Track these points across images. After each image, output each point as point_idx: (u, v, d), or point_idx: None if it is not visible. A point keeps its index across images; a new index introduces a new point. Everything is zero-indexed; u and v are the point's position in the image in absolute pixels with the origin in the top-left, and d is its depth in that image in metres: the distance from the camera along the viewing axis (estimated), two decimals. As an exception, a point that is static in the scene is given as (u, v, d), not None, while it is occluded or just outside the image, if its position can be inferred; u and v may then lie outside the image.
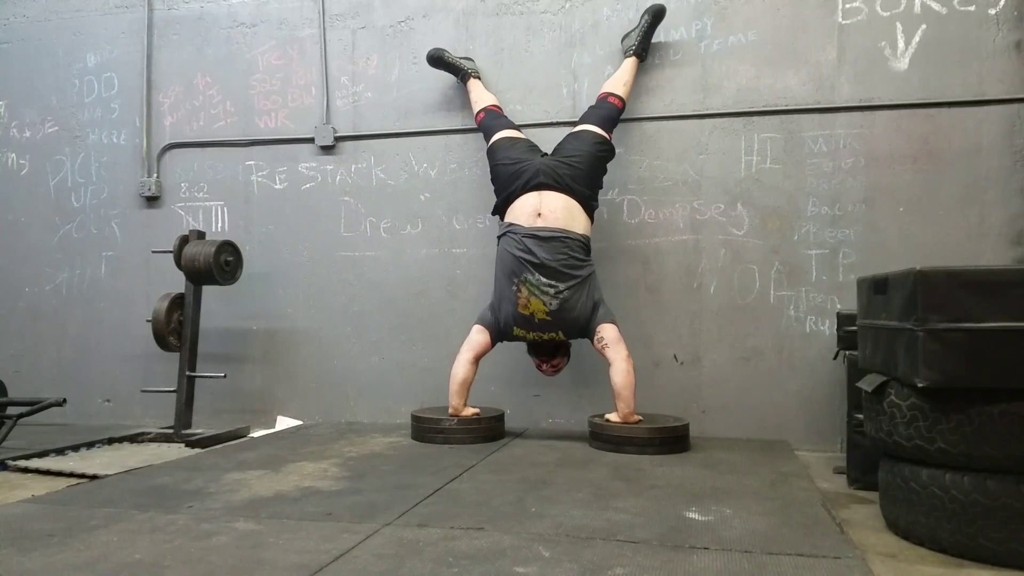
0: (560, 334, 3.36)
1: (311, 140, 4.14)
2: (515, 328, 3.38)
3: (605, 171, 3.52)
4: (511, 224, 3.38)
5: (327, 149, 4.13)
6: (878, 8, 3.49)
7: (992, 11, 3.37)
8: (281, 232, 4.19)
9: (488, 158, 3.60)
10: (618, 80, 3.60)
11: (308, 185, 4.17)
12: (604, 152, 3.47)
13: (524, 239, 3.29)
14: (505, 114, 3.74)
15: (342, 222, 4.12)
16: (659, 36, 3.72)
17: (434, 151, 4.01)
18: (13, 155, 4.52)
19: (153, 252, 4.15)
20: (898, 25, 3.47)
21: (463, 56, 3.89)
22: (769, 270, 3.59)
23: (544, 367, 3.48)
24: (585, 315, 3.30)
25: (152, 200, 4.33)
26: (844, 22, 3.53)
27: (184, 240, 3.86)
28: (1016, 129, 3.35)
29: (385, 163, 4.07)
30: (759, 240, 3.60)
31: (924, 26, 3.44)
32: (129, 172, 4.36)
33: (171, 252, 3.88)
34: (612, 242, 3.74)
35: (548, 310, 3.27)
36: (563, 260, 3.26)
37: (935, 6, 3.43)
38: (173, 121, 4.33)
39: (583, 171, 3.38)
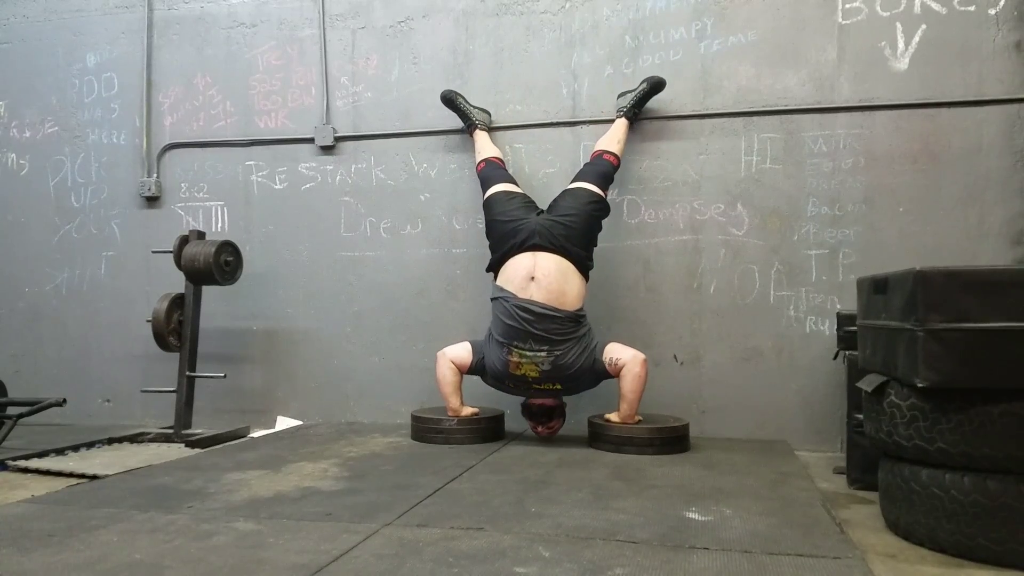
0: (557, 385, 3.30)
1: (311, 140, 4.14)
2: (509, 383, 3.36)
3: (600, 228, 3.49)
4: (503, 291, 3.32)
5: (327, 149, 4.13)
6: (878, 8, 3.49)
7: (992, 11, 3.37)
8: (281, 232, 4.19)
9: (484, 211, 3.57)
10: (611, 138, 3.58)
11: (308, 185, 4.17)
12: (599, 211, 3.45)
13: (515, 308, 3.24)
14: (505, 166, 3.71)
15: (342, 222, 4.12)
16: (659, 36, 3.72)
17: (434, 151, 4.01)
18: (13, 155, 4.52)
19: (153, 252, 4.14)
20: (898, 25, 3.47)
21: (479, 107, 3.84)
22: (769, 270, 3.59)
23: (539, 429, 3.42)
24: (585, 367, 3.25)
25: (152, 200, 4.33)
26: (844, 22, 3.53)
27: (184, 240, 3.86)
28: (1016, 129, 3.35)
29: (385, 163, 4.07)
30: (759, 240, 3.60)
31: (924, 26, 3.44)
32: (129, 172, 4.36)
33: (171, 252, 3.88)
34: (612, 242, 3.73)
35: (540, 369, 3.24)
36: (555, 330, 3.22)
37: (935, 6, 3.43)
38: (173, 121, 4.33)
39: (577, 230, 3.35)
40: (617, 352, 3.25)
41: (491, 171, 3.65)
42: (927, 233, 3.41)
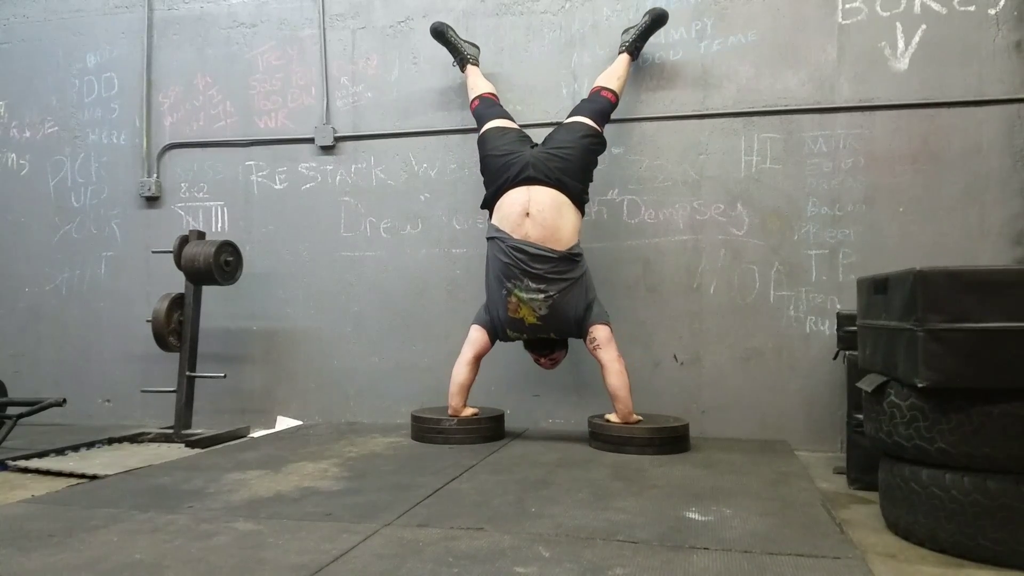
0: (552, 335, 3.36)
1: (311, 140, 4.14)
2: (508, 330, 3.38)
3: (596, 164, 3.47)
4: (499, 231, 3.32)
5: (327, 149, 4.13)
6: (878, 8, 3.49)
7: (992, 11, 3.37)
8: (281, 232, 4.19)
9: (478, 148, 3.55)
10: (611, 75, 3.57)
11: (308, 185, 4.17)
12: (595, 145, 3.42)
13: (511, 249, 3.25)
14: (500, 103, 3.70)
15: (342, 222, 4.12)
16: (659, 36, 3.71)
17: (434, 151, 4.01)
18: (13, 155, 4.52)
19: (153, 252, 4.15)
20: (898, 25, 3.47)
21: (469, 41, 3.84)
22: (769, 270, 3.59)
23: (543, 360, 3.47)
24: (578, 315, 3.28)
25: (152, 200, 4.33)
26: (844, 22, 3.53)
27: (184, 240, 3.86)
28: (1016, 129, 3.35)
29: (385, 163, 4.07)
30: (759, 240, 3.60)
31: (924, 26, 3.44)
32: (129, 172, 4.36)
33: (171, 252, 3.88)
34: (612, 242, 3.74)
35: (538, 315, 3.26)
36: (550, 269, 3.23)
37: (935, 6, 3.43)
38: (173, 121, 4.33)
39: (573, 163, 3.32)
40: (600, 340, 3.24)
41: (485, 108, 3.63)
42: (927, 233, 3.41)
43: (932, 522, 2.00)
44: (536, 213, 3.26)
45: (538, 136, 3.77)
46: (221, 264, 3.79)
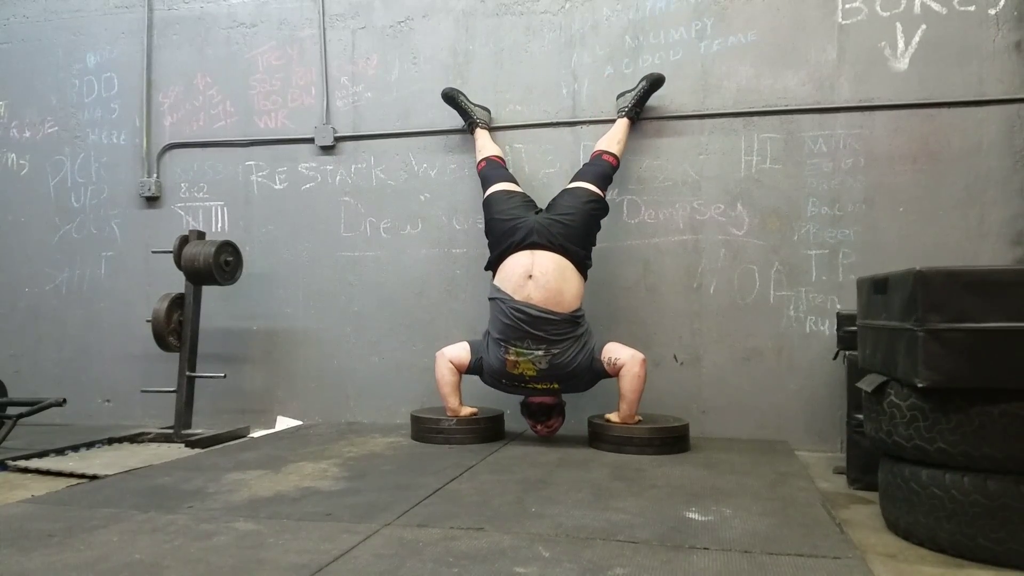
0: (555, 384, 3.30)
1: (311, 140, 4.14)
2: (504, 380, 3.36)
3: (599, 227, 3.50)
4: (500, 291, 3.33)
5: (327, 149, 4.13)
6: (878, 8, 3.49)
7: (992, 11, 3.37)
8: (281, 232, 4.19)
9: (484, 210, 3.58)
10: (611, 139, 3.58)
11: (308, 185, 4.17)
12: (597, 210, 3.45)
13: (512, 310, 3.24)
14: (506, 165, 3.72)
15: (342, 222, 4.12)
16: (659, 36, 3.72)
17: (434, 151, 4.01)
18: (13, 155, 4.52)
19: (153, 252, 4.15)
20: (898, 25, 3.47)
21: (480, 104, 3.85)
22: (769, 270, 3.59)
23: (539, 428, 3.43)
24: (583, 366, 3.25)
25: (152, 200, 4.33)
26: (844, 22, 3.53)
27: (184, 240, 3.86)
28: (1016, 129, 3.35)
29: (385, 163, 4.07)
30: (759, 240, 3.60)
31: (924, 26, 3.44)
32: (129, 172, 4.36)
33: (171, 252, 3.88)
34: (612, 242, 3.73)
35: (537, 368, 3.24)
36: (552, 331, 3.23)
37: (935, 6, 3.43)
38: (173, 121, 4.33)
39: (576, 229, 3.35)
40: (616, 352, 3.25)
41: (491, 170, 3.65)
42: (927, 233, 3.41)
43: (932, 522, 2.00)
44: (539, 276, 3.26)
45: (538, 138, 3.79)
46: (221, 264, 3.79)
